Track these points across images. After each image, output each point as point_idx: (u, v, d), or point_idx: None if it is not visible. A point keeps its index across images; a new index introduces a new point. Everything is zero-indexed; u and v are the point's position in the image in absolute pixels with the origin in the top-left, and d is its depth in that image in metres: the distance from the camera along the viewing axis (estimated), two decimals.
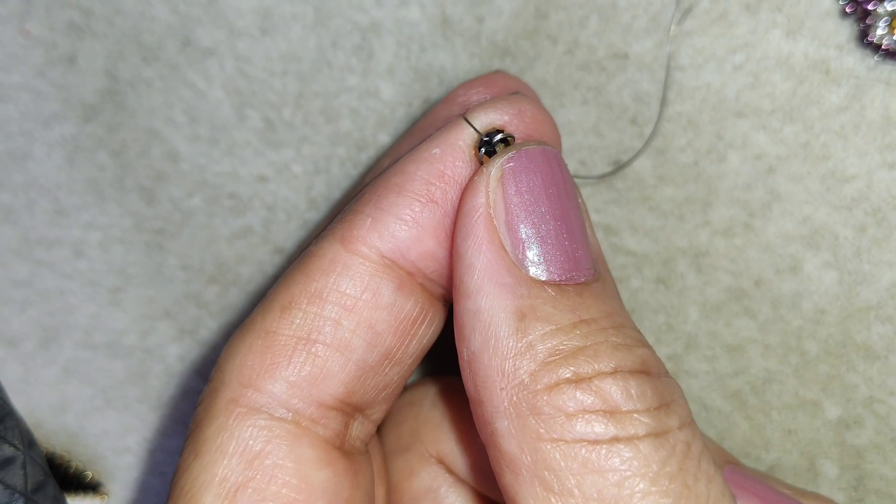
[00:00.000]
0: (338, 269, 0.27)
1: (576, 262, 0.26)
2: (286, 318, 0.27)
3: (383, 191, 0.27)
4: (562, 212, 0.26)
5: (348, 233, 0.27)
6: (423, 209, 0.27)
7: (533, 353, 0.24)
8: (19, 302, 0.38)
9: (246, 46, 0.35)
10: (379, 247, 0.27)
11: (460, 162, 0.27)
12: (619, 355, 0.25)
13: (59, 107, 0.37)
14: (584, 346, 0.24)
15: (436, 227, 0.27)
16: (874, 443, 0.35)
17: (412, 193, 0.27)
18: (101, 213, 0.37)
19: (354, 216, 0.28)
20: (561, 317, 0.25)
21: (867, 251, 0.34)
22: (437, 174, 0.27)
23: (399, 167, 0.28)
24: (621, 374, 0.24)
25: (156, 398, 0.39)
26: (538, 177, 0.26)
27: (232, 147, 0.36)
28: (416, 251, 0.27)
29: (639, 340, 0.26)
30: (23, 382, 0.39)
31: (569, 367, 0.24)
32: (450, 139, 0.27)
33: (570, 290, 0.25)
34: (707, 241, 0.35)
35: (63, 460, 0.39)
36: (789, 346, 0.35)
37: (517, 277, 0.25)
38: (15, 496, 0.34)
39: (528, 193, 0.26)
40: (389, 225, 0.27)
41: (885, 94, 0.33)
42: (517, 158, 0.26)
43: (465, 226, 0.26)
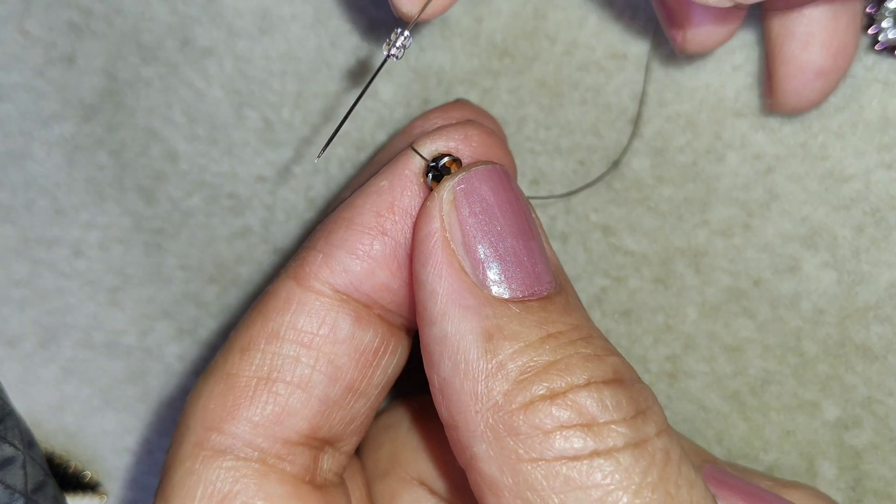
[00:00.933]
0: (293, 306, 0.27)
1: (536, 276, 0.26)
2: (246, 360, 0.27)
3: (333, 226, 0.28)
4: (517, 228, 0.26)
5: (301, 270, 0.28)
6: (374, 241, 0.27)
7: (504, 372, 0.24)
8: (18, 301, 0.38)
9: (245, 46, 0.35)
10: (332, 282, 0.27)
11: (409, 191, 0.27)
12: (591, 366, 0.25)
13: (58, 106, 0.37)
14: (555, 361, 0.24)
15: (388, 258, 0.27)
16: (872, 443, 0.35)
17: (362, 226, 0.27)
18: (100, 212, 0.37)
19: (307, 253, 0.28)
20: (528, 333, 0.25)
21: (866, 251, 0.34)
22: (387, 205, 0.27)
23: (349, 202, 0.28)
24: (595, 385, 0.24)
25: (155, 398, 0.39)
26: (490, 195, 0.26)
27: (231, 147, 0.36)
28: (370, 284, 0.27)
29: (608, 349, 0.26)
30: (22, 382, 0.39)
31: (542, 384, 0.24)
32: (397, 169, 0.27)
33: (535, 305, 0.25)
34: (706, 241, 0.35)
35: (62, 460, 0.39)
36: (788, 347, 0.35)
37: (480, 298, 0.25)
38: (15, 496, 0.34)
39: (482, 213, 0.26)
40: (341, 259, 0.27)
41: (883, 93, 0.33)
42: (467, 179, 0.26)
43: (422, 252, 0.26)
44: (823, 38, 0.31)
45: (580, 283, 0.36)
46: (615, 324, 0.36)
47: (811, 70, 0.31)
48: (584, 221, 0.36)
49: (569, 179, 0.35)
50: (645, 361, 0.36)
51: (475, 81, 0.35)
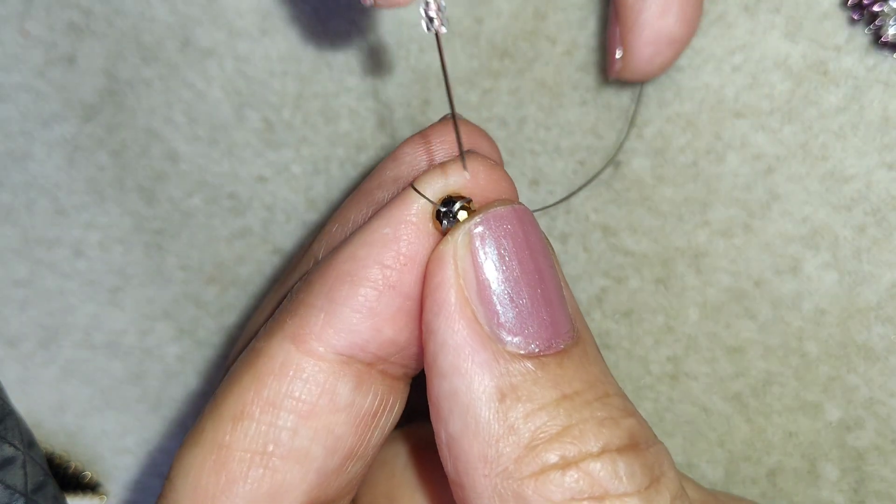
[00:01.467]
0: (290, 372, 0.25)
1: (555, 328, 0.24)
2: (239, 430, 0.25)
3: (335, 280, 0.25)
4: (537, 275, 0.25)
5: (300, 330, 0.25)
6: (380, 297, 0.25)
7: (516, 436, 0.23)
8: (19, 302, 0.38)
9: (245, 47, 0.35)
10: (335, 344, 0.25)
11: (415, 238, 0.25)
12: (606, 432, 0.23)
13: (58, 107, 0.37)
14: (570, 426, 0.23)
15: (395, 313, 0.25)
16: (875, 444, 0.34)
17: (366, 281, 0.25)
18: (100, 213, 0.37)
19: (306, 310, 0.25)
20: (543, 394, 0.23)
21: (867, 251, 0.34)
22: (392, 256, 0.25)
23: (349, 252, 0.26)
24: (608, 454, 0.23)
25: (154, 398, 0.39)
26: (509, 240, 0.24)
27: (231, 147, 0.36)
28: (376, 342, 0.25)
29: (624, 409, 0.24)
30: (22, 382, 0.39)
31: (555, 451, 0.23)
32: (400, 215, 0.25)
33: (551, 363, 0.24)
34: (706, 241, 0.35)
35: (62, 460, 0.39)
36: (790, 348, 0.35)
37: (495, 353, 0.24)
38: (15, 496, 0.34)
39: (500, 260, 0.24)
40: (344, 318, 0.25)
41: (884, 94, 0.33)
42: (485, 223, 0.24)
43: (434, 301, 0.24)
44: (679, 6, 0.31)
45: (580, 283, 0.36)
46: (615, 324, 0.36)
47: (665, 38, 0.31)
48: (584, 221, 0.35)
49: (569, 180, 0.35)
50: (646, 363, 0.36)
51: (475, 82, 0.35)
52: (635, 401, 0.36)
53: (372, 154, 0.36)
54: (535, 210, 0.27)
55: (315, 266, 0.27)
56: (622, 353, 0.36)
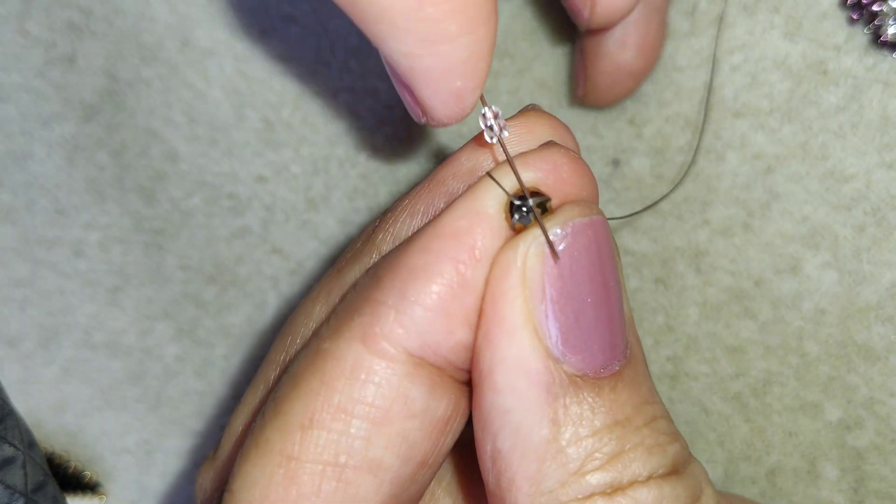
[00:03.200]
0: (362, 375, 0.23)
1: (614, 350, 0.24)
2: (309, 440, 0.23)
3: (406, 276, 0.23)
4: (605, 294, 0.23)
5: (370, 329, 0.23)
6: (455, 295, 0.23)
7: (565, 459, 0.22)
8: (19, 301, 0.38)
9: (245, 47, 0.36)
10: (407, 345, 0.23)
11: (491, 233, 0.23)
12: (654, 460, 0.23)
13: (58, 107, 0.37)
14: (619, 453, 0.23)
15: (468, 313, 0.23)
16: (874, 444, 0.34)
17: (441, 277, 0.23)
18: (100, 212, 0.37)
19: (375, 308, 0.24)
20: (596, 419, 0.23)
21: (867, 251, 0.34)
22: (467, 251, 0.23)
23: (422, 245, 0.23)
24: (654, 480, 0.23)
25: (154, 398, 0.39)
26: (584, 257, 0.23)
27: (231, 147, 0.36)
28: (449, 344, 0.24)
29: (670, 433, 0.24)
30: (22, 382, 0.39)
31: (602, 478, 0.22)
32: (476, 206, 0.23)
33: (606, 387, 0.23)
34: (706, 240, 0.35)
35: (62, 460, 0.39)
36: (789, 348, 0.35)
37: (553, 374, 0.23)
38: (15, 496, 0.34)
39: (572, 277, 0.23)
40: (418, 318, 0.23)
41: (883, 93, 0.33)
42: (562, 233, 0.23)
43: (496, 311, 0.23)
44: (637, 40, 0.31)
45: None
46: None
47: (625, 70, 0.31)
48: None
49: None
50: (646, 363, 0.36)
51: None
52: None
53: (371, 154, 0.36)
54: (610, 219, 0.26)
55: (382, 259, 0.25)
56: None
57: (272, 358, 0.29)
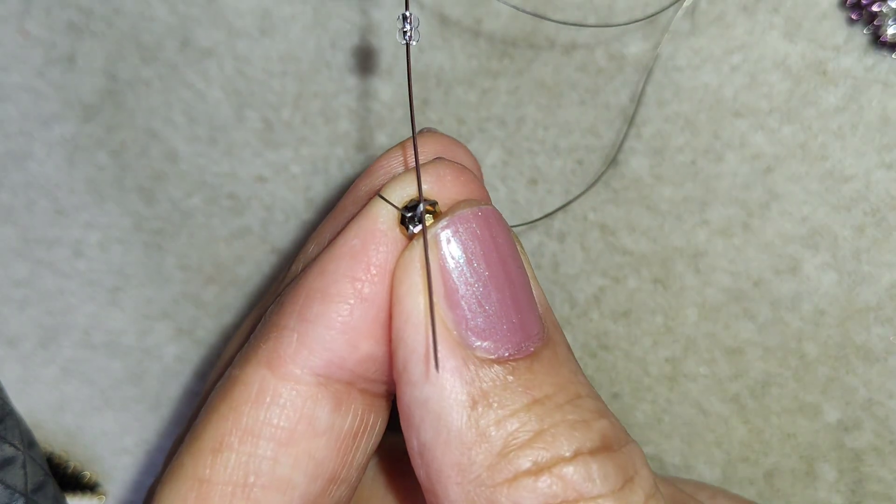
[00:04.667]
0: (267, 399, 0.24)
1: (525, 331, 0.24)
2: (219, 463, 0.24)
3: (305, 299, 0.25)
4: (505, 277, 0.24)
5: (274, 354, 0.24)
6: (354, 310, 0.24)
7: (489, 443, 0.23)
8: (19, 301, 0.38)
9: (245, 47, 0.36)
10: (311, 365, 0.24)
11: (384, 247, 0.24)
12: (578, 435, 0.23)
13: (58, 107, 0.37)
14: (542, 431, 0.23)
15: (370, 325, 0.24)
16: (872, 445, 0.34)
17: (339, 296, 0.24)
18: (100, 213, 0.37)
19: (278, 333, 0.25)
20: (514, 399, 0.23)
21: (866, 252, 0.34)
22: (363, 268, 0.24)
23: (318, 268, 0.25)
24: (582, 457, 0.23)
25: (153, 398, 0.39)
26: (476, 242, 0.24)
27: (231, 147, 0.36)
28: (353, 358, 0.25)
29: (597, 411, 0.24)
30: (22, 382, 0.39)
31: (527, 457, 0.23)
32: (367, 224, 0.24)
33: (521, 367, 0.24)
34: (705, 241, 0.35)
35: (61, 460, 0.39)
36: (788, 349, 0.35)
37: (464, 359, 0.23)
38: (15, 496, 0.34)
39: (467, 263, 0.24)
40: (319, 336, 0.24)
41: (883, 94, 0.33)
42: (450, 225, 0.24)
43: (402, 308, 0.24)
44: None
45: (578, 282, 0.36)
46: (614, 325, 0.36)
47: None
48: (582, 221, 0.35)
49: (567, 179, 0.35)
50: (644, 364, 0.36)
51: (474, 82, 0.35)
52: (633, 402, 0.36)
53: (371, 154, 0.36)
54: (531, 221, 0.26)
55: (287, 286, 0.26)
56: (620, 354, 0.36)
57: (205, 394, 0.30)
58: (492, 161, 0.36)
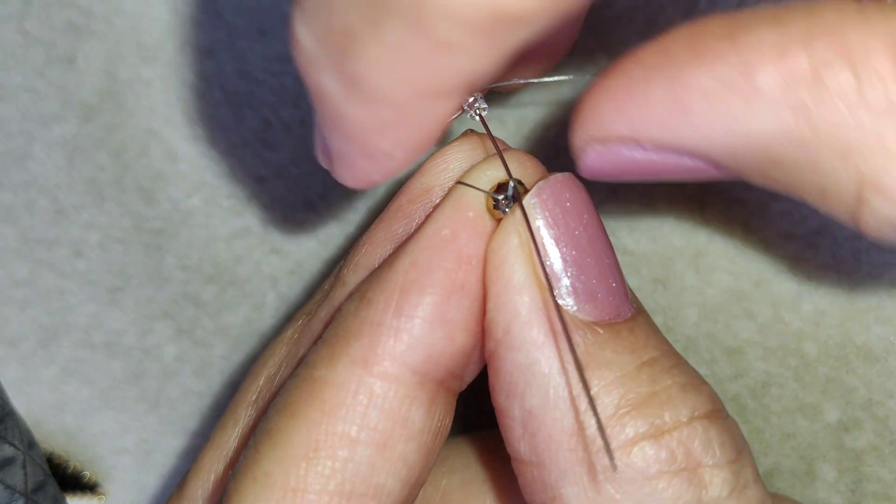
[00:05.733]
0: (365, 400, 0.23)
1: (620, 297, 0.24)
2: (314, 470, 0.23)
3: (401, 293, 0.24)
4: (599, 242, 0.24)
5: (371, 352, 0.23)
6: (451, 303, 0.23)
7: (601, 405, 0.22)
8: (18, 301, 0.38)
9: (244, 46, 0.36)
10: (410, 361, 0.23)
11: (476, 235, 0.24)
12: (691, 399, 0.22)
13: (58, 107, 0.37)
14: (655, 392, 0.22)
15: (465, 317, 0.24)
16: (873, 445, 0.34)
17: (435, 288, 0.23)
18: (100, 212, 0.37)
19: (373, 329, 0.23)
20: (623, 361, 0.22)
21: (866, 252, 0.34)
22: (456, 258, 0.23)
23: (408, 261, 0.24)
24: (699, 421, 0.22)
25: (153, 398, 0.39)
26: (570, 206, 0.24)
27: (230, 147, 0.37)
28: (449, 353, 0.24)
29: (699, 377, 0.24)
30: (22, 382, 0.39)
31: (643, 420, 0.22)
32: (456, 213, 0.24)
33: (623, 330, 0.23)
34: (706, 240, 0.35)
35: (61, 460, 0.39)
36: (789, 349, 0.35)
37: (569, 322, 0.23)
38: (15, 496, 0.34)
39: (564, 227, 0.23)
40: (418, 332, 0.23)
41: None
42: (545, 190, 0.23)
43: (501, 275, 0.23)
44: None
45: None
46: None
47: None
48: None
49: None
50: None
51: None
52: None
53: None
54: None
55: (366, 282, 0.25)
56: None
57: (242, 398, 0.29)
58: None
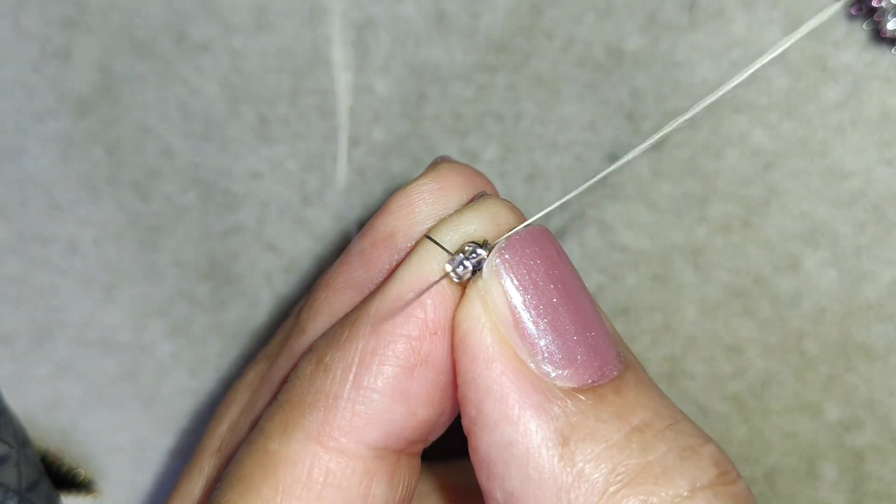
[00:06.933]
0: (321, 479, 0.22)
1: (604, 354, 0.22)
2: None
3: (360, 363, 0.22)
4: (572, 298, 0.22)
5: (325, 427, 0.22)
6: (414, 376, 0.22)
7: (588, 483, 0.20)
8: (13, 298, 0.38)
9: (241, 42, 0.35)
10: (367, 438, 0.22)
11: (442, 302, 0.22)
12: (691, 467, 0.21)
13: (53, 102, 0.37)
14: (648, 463, 0.20)
15: (430, 391, 0.22)
16: (873, 444, 0.34)
17: (398, 359, 0.22)
18: (95, 209, 0.37)
19: (328, 401, 0.22)
20: (609, 430, 0.21)
21: (866, 248, 0.33)
22: (420, 326, 0.22)
23: (369, 325, 0.22)
24: (702, 492, 0.20)
25: (148, 396, 0.39)
26: (539, 262, 0.22)
27: (226, 143, 0.36)
28: (410, 427, 0.22)
29: (698, 434, 0.22)
30: (15, 380, 0.39)
31: (638, 496, 0.20)
32: (422, 275, 0.22)
33: (608, 392, 0.21)
34: (705, 237, 0.34)
35: (56, 458, 0.39)
36: (789, 347, 0.34)
37: (546, 392, 0.21)
38: (9, 494, 0.33)
39: (533, 287, 0.21)
40: (376, 407, 0.22)
41: (883, 90, 0.33)
42: (509, 249, 0.22)
43: (469, 347, 0.21)
44: None
45: None
46: (612, 322, 0.36)
47: None
48: (579, 217, 0.35)
49: (565, 175, 0.35)
50: (644, 362, 0.36)
51: (471, 77, 0.35)
52: None
53: (366, 149, 0.36)
54: (529, 221, 0.24)
55: (324, 342, 0.23)
56: None
57: (206, 446, 0.28)
58: (489, 157, 0.35)
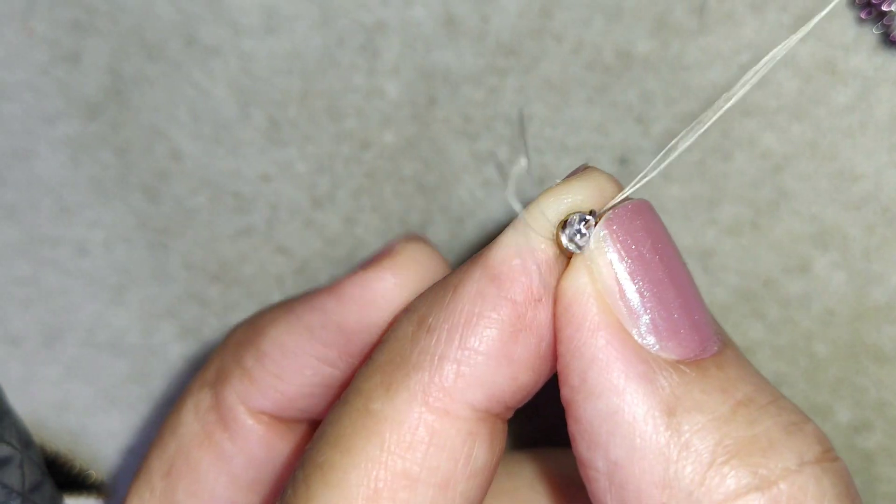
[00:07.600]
0: (427, 438, 0.22)
1: (704, 330, 0.22)
2: None
3: (464, 324, 0.22)
4: (676, 272, 0.22)
5: (431, 387, 0.22)
6: (517, 339, 0.22)
7: (694, 454, 0.20)
8: (22, 300, 0.38)
9: (250, 45, 0.35)
10: (472, 399, 0.22)
11: (547, 270, 0.22)
12: (798, 442, 0.20)
13: (62, 105, 0.37)
14: (755, 436, 0.20)
15: (531, 356, 0.22)
16: (883, 446, 0.34)
17: (503, 324, 0.22)
18: (104, 211, 0.37)
19: (433, 362, 0.22)
20: (714, 402, 0.20)
21: (876, 251, 0.33)
22: (525, 291, 0.22)
23: (474, 288, 0.22)
24: (810, 467, 0.20)
25: (158, 398, 0.39)
26: (644, 235, 0.22)
27: (236, 145, 0.36)
28: (511, 391, 0.22)
29: (800, 413, 0.22)
30: (25, 381, 0.39)
31: (747, 468, 0.20)
32: (525, 241, 0.22)
33: (711, 366, 0.21)
34: (714, 240, 0.34)
35: (67, 460, 0.39)
36: (798, 349, 0.34)
37: (651, 363, 0.21)
38: (12, 495, 0.33)
39: (639, 259, 0.22)
40: (481, 369, 0.22)
41: (892, 93, 0.33)
42: (616, 220, 0.22)
43: (573, 316, 0.21)
44: None
45: None
46: None
47: None
48: None
49: None
50: None
51: (481, 80, 0.35)
52: None
53: (377, 152, 0.36)
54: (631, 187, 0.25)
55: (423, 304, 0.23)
56: None
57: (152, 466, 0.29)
58: (499, 160, 0.35)
